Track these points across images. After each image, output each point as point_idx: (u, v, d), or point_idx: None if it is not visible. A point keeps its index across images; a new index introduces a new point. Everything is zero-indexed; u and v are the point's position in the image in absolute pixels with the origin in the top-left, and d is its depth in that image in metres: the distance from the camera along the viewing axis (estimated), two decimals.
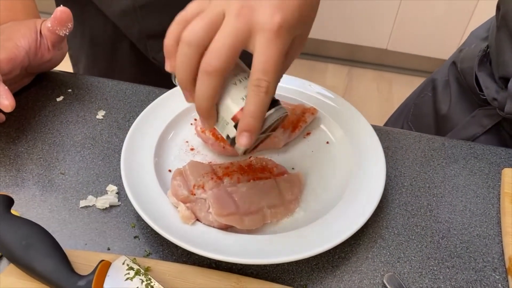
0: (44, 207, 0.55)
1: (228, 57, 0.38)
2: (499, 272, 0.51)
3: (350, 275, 0.50)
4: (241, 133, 0.40)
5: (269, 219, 0.52)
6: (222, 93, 0.41)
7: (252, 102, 0.39)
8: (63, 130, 0.64)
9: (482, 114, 0.71)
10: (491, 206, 0.57)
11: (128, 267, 0.45)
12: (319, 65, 2.35)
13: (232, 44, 0.38)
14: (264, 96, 0.38)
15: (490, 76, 0.69)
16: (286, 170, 0.57)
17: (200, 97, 0.40)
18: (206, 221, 0.50)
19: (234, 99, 0.41)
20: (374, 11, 2.05)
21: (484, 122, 0.70)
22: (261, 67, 0.38)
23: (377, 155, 0.57)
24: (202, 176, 0.53)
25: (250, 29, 0.38)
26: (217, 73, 0.38)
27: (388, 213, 0.56)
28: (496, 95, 0.66)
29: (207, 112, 0.41)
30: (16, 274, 0.46)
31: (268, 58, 0.38)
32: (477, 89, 0.70)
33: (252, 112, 0.39)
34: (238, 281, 0.47)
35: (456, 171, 0.61)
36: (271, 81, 0.38)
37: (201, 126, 0.58)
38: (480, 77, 0.69)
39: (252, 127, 0.39)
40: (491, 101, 0.67)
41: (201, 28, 0.38)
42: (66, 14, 0.61)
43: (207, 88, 0.39)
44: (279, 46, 0.38)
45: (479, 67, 0.70)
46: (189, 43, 0.39)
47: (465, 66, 0.74)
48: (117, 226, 0.53)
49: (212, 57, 0.38)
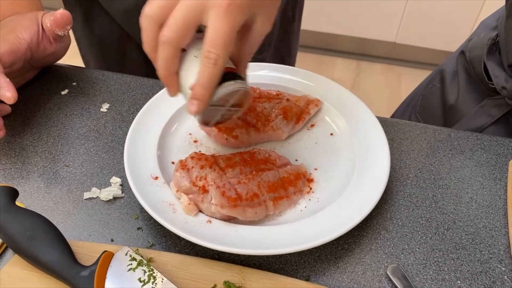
0: (48, 199, 0.55)
1: (180, 28, 0.41)
2: (505, 264, 0.50)
3: (354, 267, 0.50)
4: (191, 101, 0.44)
5: (272, 211, 0.52)
6: (183, 65, 0.45)
7: (201, 72, 0.42)
8: (67, 123, 0.64)
9: (490, 104, 0.70)
10: (498, 197, 0.57)
11: (131, 257, 0.46)
12: (328, 58, 2.34)
13: (185, 17, 0.41)
14: (212, 67, 0.41)
15: (499, 65, 0.68)
16: (289, 162, 0.57)
17: (159, 65, 0.44)
18: (208, 212, 0.50)
19: (192, 70, 0.44)
20: (382, 4, 2.03)
21: (493, 112, 0.70)
22: (210, 40, 0.41)
23: (382, 146, 0.56)
24: (205, 168, 0.52)
25: (203, 5, 0.41)
26: (171, 43, 0.42)
27: (393, 205, 0.55)
28: (505, 83, 0.66)
29: (166, 79, 0.45)
30: (21, 264, 0.47)
31: (217, 32, 0.41)
32: (485, 78, 0.69)
33: (201, 82, 0.42)
34: (241, 272, 0.47)
35: (462, 162, 0.61)
36: (220, 54, 0.41)
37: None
38: (489, 65, 0.68)
39: (200, 95, 0.43)
40: (500, 90, 0.66)
41: (159, 4, 0.42)
42: (66, 17, 0.62)
43: (164, 57, 0.43)
44: (229, 21, 0.41)
45: (488, 56, 0.69)
46: (147, 17, 0.42)
47: (474, 55, 0.73)
48: (120, 217, 0.53)
49: (167, 29, 0.41)
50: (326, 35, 2.24)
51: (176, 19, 0.41)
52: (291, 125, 0.60)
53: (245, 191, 0.51)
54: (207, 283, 0.46)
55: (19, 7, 0.67)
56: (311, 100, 0.62)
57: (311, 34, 2.21)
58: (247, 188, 0.51)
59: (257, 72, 0.67)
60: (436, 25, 2.05)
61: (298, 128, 0.61)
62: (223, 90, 0.44)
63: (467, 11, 1.96)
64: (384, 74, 2.27)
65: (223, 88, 0.44)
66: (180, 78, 0.45)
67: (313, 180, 0.56)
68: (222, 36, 0.41)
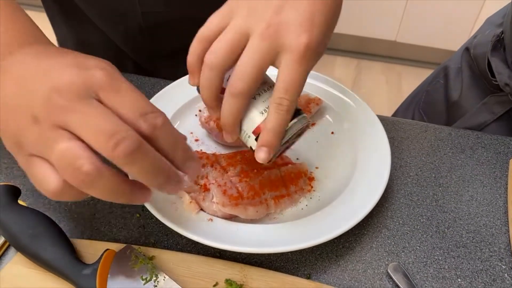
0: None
1: (253, 79, 0.38)
2: (505, 262, 0.50)
3: (354, 265, 0.50)
4: (260, 148, 0.41)
5: (273, 209, 0.52)
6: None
7: (272, 119, 0.40)
8: None
9: (493, 100, 0.70)
10: (498, 196, 0.57)
11: (133, 256, 0.46)
12: (328, 57, 2.34)
13: (257, 66, 0.38)
14: (285, 114, 0.39)
15: (503, 61, 0.68)
16: (291, 161, 0.57)
17: (225, 116, 0.41)
18: (210, 211, 0.50)
19: (255, 113, 0.42)
20: (383, 3, 2.03)
21: (495, 109, 0.70)
22: (284, 87, 0.38)
23: (382, 145, 0.56)
24: (206, 166, 0.53)
25: (276, 50, 0.38)
26: (243, 95, 0.39)
27: (393, 203, 0.56)
28: (508, 80, 0.66)
29: (231, 128, 0.42)
30: (23, 262, 0.47)
31: (292, 79, 0.38)
32: (489, 75, 0.70)
33: (271, 129, 0.40)
34: (242, 270, 0.47)
35: (463, 161, 0.61)
36: (293, 99, 0.39)
37: (207, 116, 0.58)
38: (493, 62, 0.69)
39: (271, 143, 0.41)
40: (503, 86, 0.67)
41: (224, 51, 0.38)
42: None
43: (233, 109, 0.40)
44: (304, 67, 0.38)
45: (492, 53, 0.69)
46: (211, 67, 0.39)
47: (478, 51, 0.73)
48: (122, 216, 0.54)
49: (237, 80, 0.38)
50: None
51: (249, 68, 0.38)
52: None
53: (247, 189, 0.51)
54: (209, 281, 0.46)
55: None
56: (312, 99, 0.62)
57: None
58: (248, 187, 0.51)
59: None
60: (437, 24, 2.05)
61: None
62: (292, 129, 0.42)
63: (467, 10, 1.96)
64: (385, 73, 2.27)
65: (292, 128, 0.42)
66: (242, 122, 0.43)
67: (314, 179, 0.56)
68: (297, 83, 0.38)
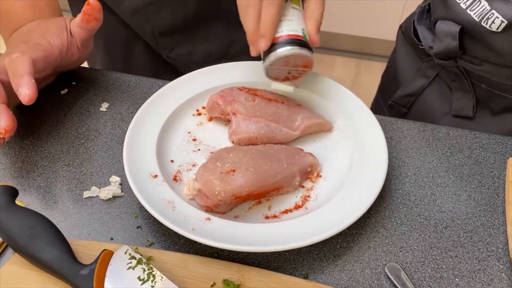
0: (48, 198, 0.55)
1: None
2: (503, 262, 0.50)
3: (352, 265, 0.50)
4: (259, 39, 0.53)
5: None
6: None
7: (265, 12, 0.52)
8: (67, 122, 0.64)
9: (425, 66, 0.76)
10: (496, 195, 0.57)
11: (130, 256, 0.46)
12: (327, 57, 2.33)
13: None
14: (272, 7, 0.52)
15: (428, 29, 0.75)
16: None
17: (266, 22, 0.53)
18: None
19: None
20: (382, 3, 2.03)
21: (429, 73, 0.76)
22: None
23: (380, 145, 0.56)
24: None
25: None
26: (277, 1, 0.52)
27: (391, 203, 0.56)
28: (431, 43, 0.72)
29: (271, 34, 0.53)
30: (21, 263, 0.47)
31: None
32: (416, 40, 0.77)
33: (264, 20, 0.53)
34: (240, 270, 0.47)
35: (460, 160, 0.61)
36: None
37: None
38: (419, 29, 0.76)
39: (265, 32, 0.53)
40: (428, 49, 0.73)
41: None
42: (96, 4, 0.60)
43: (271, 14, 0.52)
44: None
45: (419, 21, 0.77)
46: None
47: (407, 24, 0.81)
48: (120, 216, 0.54)
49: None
50: (325, 34, 2.23)
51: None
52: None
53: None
54: (206, 281, 0.46)
55: (39, 10, 0.67)
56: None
57: None
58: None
59: (256, 71, 0.67)
60: None
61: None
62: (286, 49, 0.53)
63: None
64: None
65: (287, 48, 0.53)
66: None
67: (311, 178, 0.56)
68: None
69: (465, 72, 0.70)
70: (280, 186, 0.53)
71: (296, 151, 0.56)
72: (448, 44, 0.67)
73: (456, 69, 0.70)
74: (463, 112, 0.74)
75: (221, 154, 0.54)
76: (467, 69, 0.70)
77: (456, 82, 0.72)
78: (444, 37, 0.67)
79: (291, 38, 0.54)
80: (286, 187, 0.54)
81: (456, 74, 0.71)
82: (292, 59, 0.55)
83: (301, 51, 0.54)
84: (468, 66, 0.69)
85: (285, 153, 0.55)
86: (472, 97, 0.72)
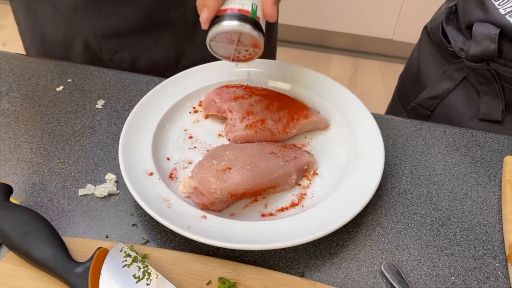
0: (43, 196, 0.55)
1: None
2: (499, 260, 0.50)
3: (348, 263, 0.50)
4: (203, 8, 0.49)
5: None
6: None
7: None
8: (62, 120, 0.64)
9: (451, 68, 0.74)
10: (492, 194, 0.57)
11: (126, 254, 0.46)
12: (324, 55, 2.33)
13: None
14: None
15: (457, 29, 0.72)
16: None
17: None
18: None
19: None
20: (379, 1, 2.03)
21: (455, 76, 0.74)
22: None
23: (376, 143, 0.56)
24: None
25: None
26: None
27: (388, 201, 0.56)
28: (462, 45, 0.70)
29: (213, 5, 0.49)
30: (15, 261, 0.47)
31: None
32: (444, 42, 0.74)
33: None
34: (235, 268, 0.47)
35: (457, 159, 0.61)
36: None
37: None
38: (448, 30, 0.73)
39: (208, 2, 0.49)
40: (458, 51, 0.70)
41: None
42: None
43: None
44: None
45: (447, 22, 0.74)
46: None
47: (434, 25, 0.78)
48: (115, 214, 0.53)
49: None
50: (322, 32, 2.23)
51: None
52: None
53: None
54: (202, 279, 0.46)
55: None
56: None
57: (307, 31, 2.20)
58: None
59: (254, 69, 0.67)
60: None
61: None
62: (232, 24, 0.48)
63: None
64: (381, 71, 2.26)
65: (232, 23, 0.48)
66: None
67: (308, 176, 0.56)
68: None
69: (496, 75, 0.68)
70: (276, 184, 0.53)
71: (292, 149, 0.56)
72: (486, 47, 0.65)
73: (486, 72, 0.68)
74: (491, 116, 0.71)
75: (217, 152, 0.53)
76: (498, 72, 0.67)
77: (484, 85, 0.70)
78: (482, 39, 0.65)
79: (236, 13, 0.49)
80: (282, 185, 0.53)
81: (485, 77, 0.69)
82: (236, 36, 0.50)
83: (241, 27, 0.48)
84: (501, 69, 0.67)
85: (282, 151, 0.55)
86: (501, 101, 0.70)
